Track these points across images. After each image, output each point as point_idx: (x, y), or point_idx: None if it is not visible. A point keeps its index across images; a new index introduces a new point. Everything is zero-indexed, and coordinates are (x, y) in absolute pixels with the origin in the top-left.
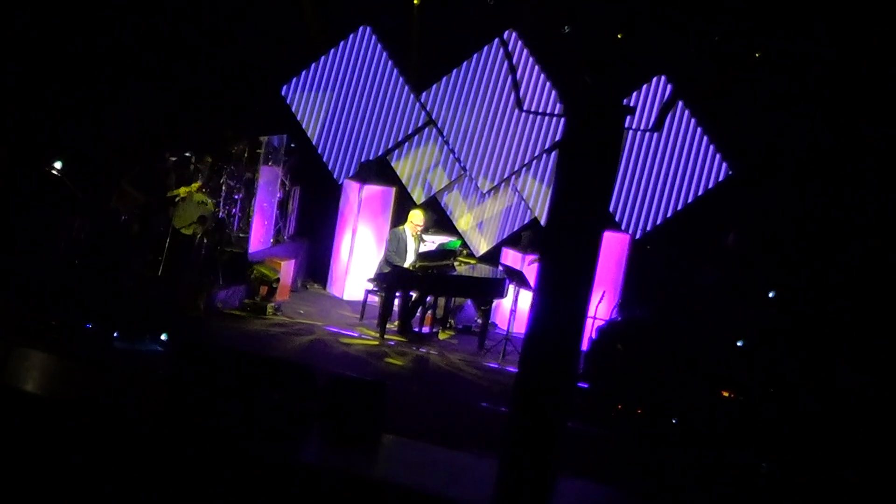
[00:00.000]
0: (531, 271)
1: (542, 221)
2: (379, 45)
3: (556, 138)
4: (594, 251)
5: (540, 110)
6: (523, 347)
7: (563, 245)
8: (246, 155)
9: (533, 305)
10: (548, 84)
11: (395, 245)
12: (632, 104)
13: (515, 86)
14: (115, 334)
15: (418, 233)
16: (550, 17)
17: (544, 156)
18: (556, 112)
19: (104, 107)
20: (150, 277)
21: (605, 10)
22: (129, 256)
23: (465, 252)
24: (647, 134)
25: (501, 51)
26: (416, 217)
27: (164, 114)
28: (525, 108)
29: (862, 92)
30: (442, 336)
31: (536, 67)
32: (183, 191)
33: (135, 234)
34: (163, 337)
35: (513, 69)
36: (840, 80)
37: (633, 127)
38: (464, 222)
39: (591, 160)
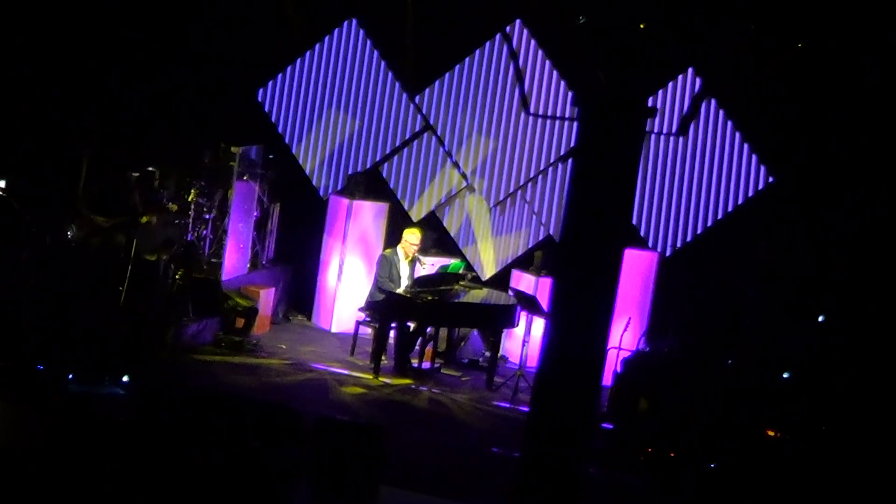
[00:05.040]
0: (546, 296)
1: (557, 239)
2: (368, 41)
3: (572, 144)
4: (614, 271)
5: (551, 112)
6: (535, 382)
7: (578, 264)
8: (218, 169)
9: (546, 334)
10: (561, 83)
11: (387, 270)
12: (657, 104)
13: (519, 80)
14: (71, 377)
15: (414, 255)
16: (563, 5)
17: (559, 164)
18: (568, 115)
19: (56, 117)
20: (110, 311)
21: None
22: (86, 288)
23: (469, 275)
24: (676, 139)
25: (512, 42)
26: (412, 237)
27: (124, 124)
28: (533, 110)
29: None
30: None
31: (548, 63)
32: (153, 213)
33: (93, 263)
34: (124, 378)
35: (517, 64)
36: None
37: (658, 131)
38: (467, 241)
39: (608, 169)
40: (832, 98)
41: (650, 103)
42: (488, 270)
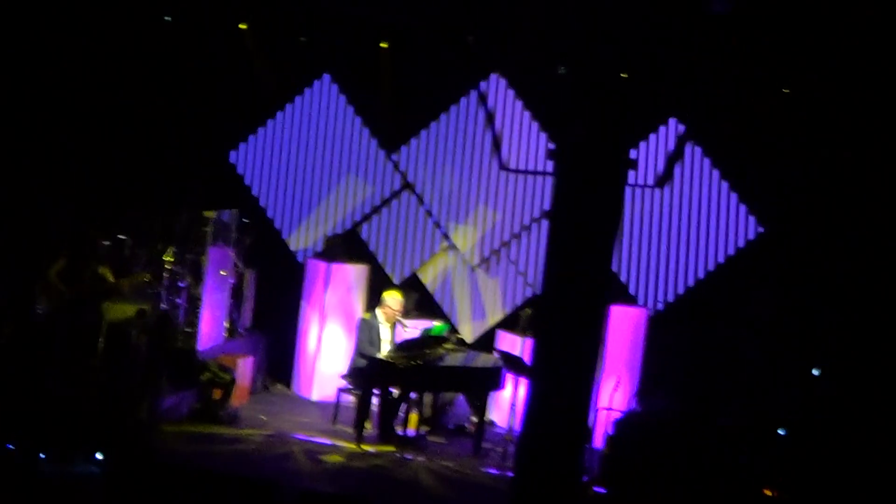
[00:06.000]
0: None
1: None
2: (342, 98)
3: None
4: (597, 329)
5: (532, 167)
6: (518, 446)
7: (559, 323)
8: (191, 235)
9: (528, 395)
10: (541, 136)
11: (367, 334)
12: (641, 154)
13: (496, 146)
14: (43, 455)
15: (395, 318)
16: (543, 57)
17: (543, 221)
18: (550, 170)
19: (22, 182)
20: (82, 385)
21: (607, 45)
22: (56, 361)
23: (453, 338)
24: (662, 190)
25: (489, 98)
26: (392, 300)
27: (93, 190)
28: (514, 166)
29: None
30: None
31: (526, 115)
32: (125, 282)
33: (63, 335)
34: (98, 456)
35: (493, 128)
36: (884, 114)
37: (643, 183)
38: (451, 303)
39: (588, 223)
40: (819, 143)
41: (633, 155)
42: (473, 332)
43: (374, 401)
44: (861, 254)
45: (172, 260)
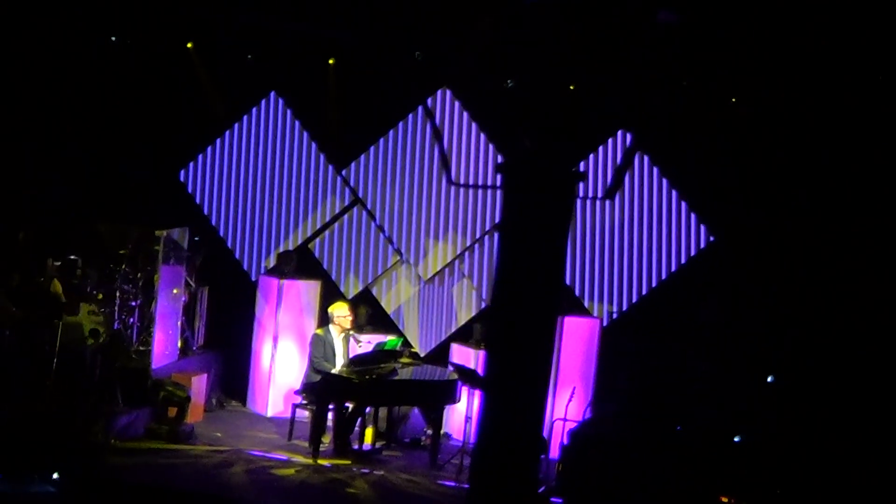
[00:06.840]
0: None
1: None
2: (289, 112)
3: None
4: (548, 341)
5: (482, 180)
6: (473, 458)
7: (511, 335)
8: (142, 254)
9: (482, 408)
10: (490, 147)
11: (321, 350)
12: (590, 165)
13: (445, 164)
14: None
15: (347, 328)
16: (490, 70)
17: (495, 234)
18: (499, 184)
19: None
20: (37, 404)
21: (554, 58)
22: (9, 381)
23: (406, 352)
24: (613, 201)
25: (437, 113)
26: (339, 310)
27: (43, 210)
28: (463, 181)
29: (860, 137)
30: None
31: (474, 127)
32: (77, 302)
33: (16, 355)
34: (54, 476)
35: (441, 144)
36: (837, 124)
37: (593, 195)
38: (404, 317)
39: (537, 236)
40: (768, 151)
41: (582, 167)
42: (427, 346)
43: (330, 415)
44: (811, 261)
45: (123, 279)
